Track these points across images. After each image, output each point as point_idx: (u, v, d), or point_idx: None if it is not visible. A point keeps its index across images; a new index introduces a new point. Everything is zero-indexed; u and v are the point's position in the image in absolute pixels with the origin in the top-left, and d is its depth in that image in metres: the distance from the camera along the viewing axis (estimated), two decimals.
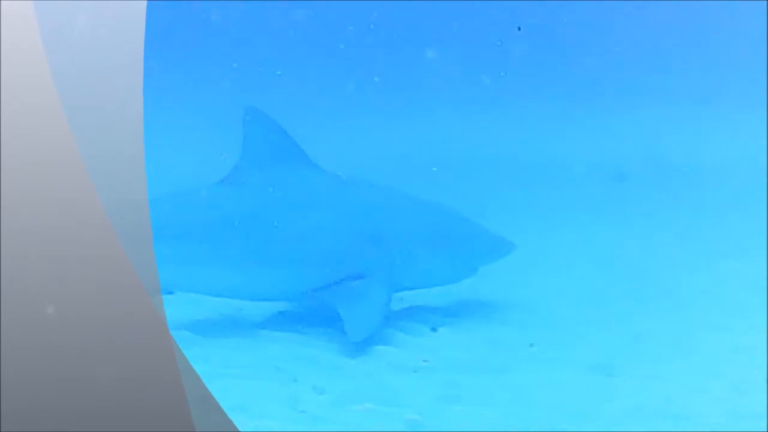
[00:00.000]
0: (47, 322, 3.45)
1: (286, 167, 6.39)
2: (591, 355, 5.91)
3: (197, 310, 6.66)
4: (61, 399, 3.45)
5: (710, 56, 19.10)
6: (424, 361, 5.83)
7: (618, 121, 15.79)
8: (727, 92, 16.35)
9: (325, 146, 7.54)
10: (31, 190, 3.49)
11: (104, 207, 3.55)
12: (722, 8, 19.53)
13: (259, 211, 6.31)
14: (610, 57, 18.75)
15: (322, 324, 6.41)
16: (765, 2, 17.59)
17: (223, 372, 5.62)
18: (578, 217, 10.08)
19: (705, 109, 15.84)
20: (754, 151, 12.77)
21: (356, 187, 6.74)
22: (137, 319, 3.58)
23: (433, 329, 6.38)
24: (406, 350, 6.05)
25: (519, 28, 18.30)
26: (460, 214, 6.82)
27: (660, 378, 5.52)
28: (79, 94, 3.61)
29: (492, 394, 5.30)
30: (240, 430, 4.00)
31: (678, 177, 12.05)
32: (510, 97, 16.78)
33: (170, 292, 6.05)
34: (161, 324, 3.67)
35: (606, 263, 8.29)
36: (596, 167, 12.50)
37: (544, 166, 12.92)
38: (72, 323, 3.49)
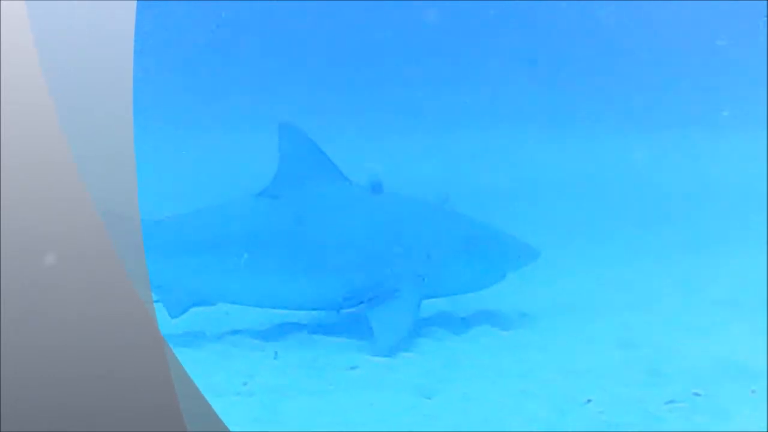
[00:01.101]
0: (37, 321, 3.49)
1: (320, 181, 6.61)
2: None
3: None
4: (50, 399, 3.48)
5: (710, 62, 19.06)
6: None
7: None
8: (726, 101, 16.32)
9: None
10: (21, 189, 3.52)
11: (95, 207, 3.60)
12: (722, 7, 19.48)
13: (294, 223, 6.54)
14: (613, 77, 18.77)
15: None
16: (765, 2, 17.57)
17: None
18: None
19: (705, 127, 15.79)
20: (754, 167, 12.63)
21: (385, 199, 6.92)
22: (129, 321, 3.62)
23: None
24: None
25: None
26: (485, 222, 7.02)
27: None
28: (70, 94, 3.68)
29: (313, 416, 5.08)
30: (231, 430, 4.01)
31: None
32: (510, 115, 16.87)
33: (212, 304, 6.40)
34: (153, 326, 3.72)
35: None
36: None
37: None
38: (61, 324, 3.52)
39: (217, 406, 3.99)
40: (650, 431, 4.72)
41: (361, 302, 6.43)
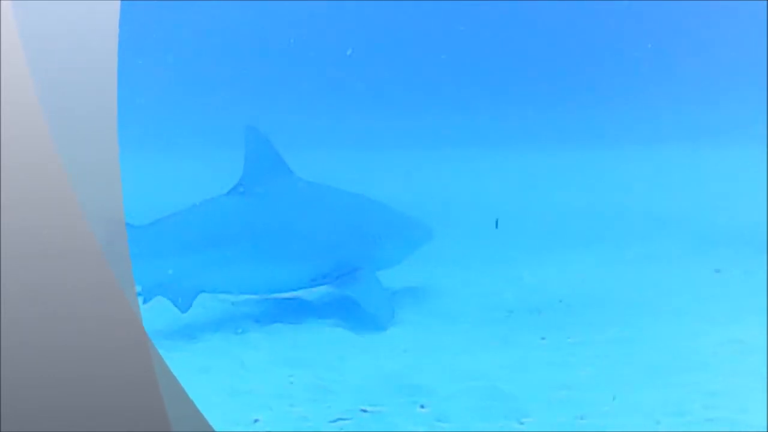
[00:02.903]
0: (23, 323, 3.49)
1: (280, 179, 7.30)
2: None
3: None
4: (34, 400, 3.49)
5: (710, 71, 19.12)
6: None
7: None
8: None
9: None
10: (8, 191, 3.53)
11: (82, 209, 3.62)
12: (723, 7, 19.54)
13: (263, 217, 7.18)
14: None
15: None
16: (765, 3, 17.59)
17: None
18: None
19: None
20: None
21: (339, 194, 7.74)
22: (115, 322, 3.63)
23: None
24: None
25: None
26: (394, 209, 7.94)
27: None
28: (55, 93, 3.67)
29: None
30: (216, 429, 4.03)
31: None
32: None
33: (202, 291, 6.74)
34: (138, 324, 3.72)
35: None
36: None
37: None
38: (48, 325, 3.53)
39: (203, 407, 4.00)
40: None
41: (328, 282, 7.17)
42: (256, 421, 4.96)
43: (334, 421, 4.98)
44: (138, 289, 6.34)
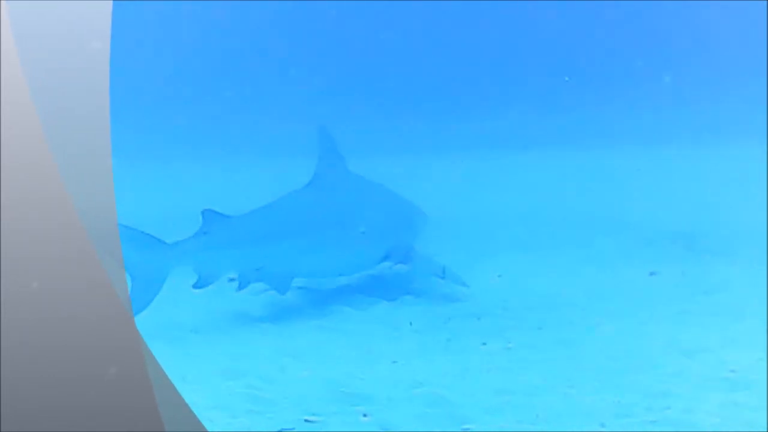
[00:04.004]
0: (16, 322, 3.54)
1: (345, 175, 8.35)
2: None
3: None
4: (26, 400, 3.54)
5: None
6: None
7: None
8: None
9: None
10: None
11: (76, 208, 3.68)
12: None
13: (334, 208, 8.08)
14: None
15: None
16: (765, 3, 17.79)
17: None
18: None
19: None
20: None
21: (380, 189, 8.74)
22: (107, 320, 3.70)
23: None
24: None
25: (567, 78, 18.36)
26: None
27: None
28: (49, 93, 3.73)
29: None
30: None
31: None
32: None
33: (296, 276, 7.55)
34: (130, 323, 3.79)
35: None
36: None
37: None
38: (41, 324, 3.59)
39: (194, 403, 4.07)
40: None
41: (393, 260, 8.13)
42: None
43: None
44: (233, 275, 7.30)
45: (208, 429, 4.83)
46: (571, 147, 16.43)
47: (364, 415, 5.11)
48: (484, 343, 6.46)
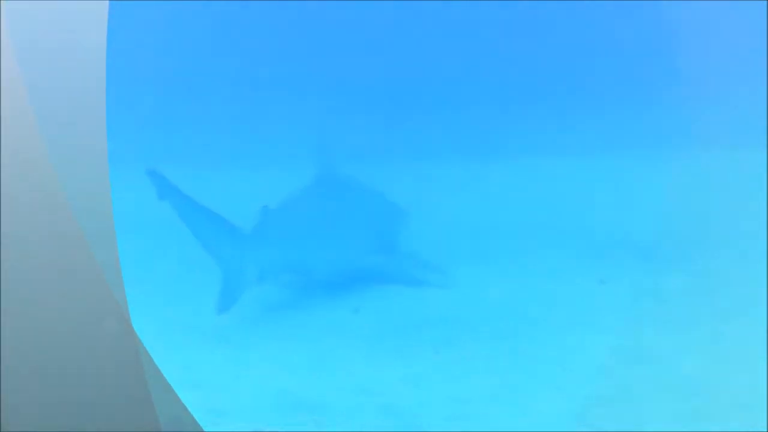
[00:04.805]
0: (13, 320, 3.55)
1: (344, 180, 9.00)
2: None
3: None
4: (22, 396, 3.56)
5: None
6: None
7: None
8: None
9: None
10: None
11: (71, 207, 3.68)
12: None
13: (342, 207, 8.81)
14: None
15: None
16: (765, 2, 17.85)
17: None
18: None
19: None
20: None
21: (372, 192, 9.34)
22: (104, 319, 3.71)
23: None
24: None
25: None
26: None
27: None
28: (45, 92, 3.72)
29: None
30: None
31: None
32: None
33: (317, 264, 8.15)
34: (128, 324, 3.80)
35: None
36: None
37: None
38: (37, 322, 3.59)
39: (189, 402, 4.08)
40: None
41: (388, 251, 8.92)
42: None
43: None
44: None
45: None
46: (524, 156, 16.50)
47: (318, 424, 5.13)
48: (437, 352, 6.47)
